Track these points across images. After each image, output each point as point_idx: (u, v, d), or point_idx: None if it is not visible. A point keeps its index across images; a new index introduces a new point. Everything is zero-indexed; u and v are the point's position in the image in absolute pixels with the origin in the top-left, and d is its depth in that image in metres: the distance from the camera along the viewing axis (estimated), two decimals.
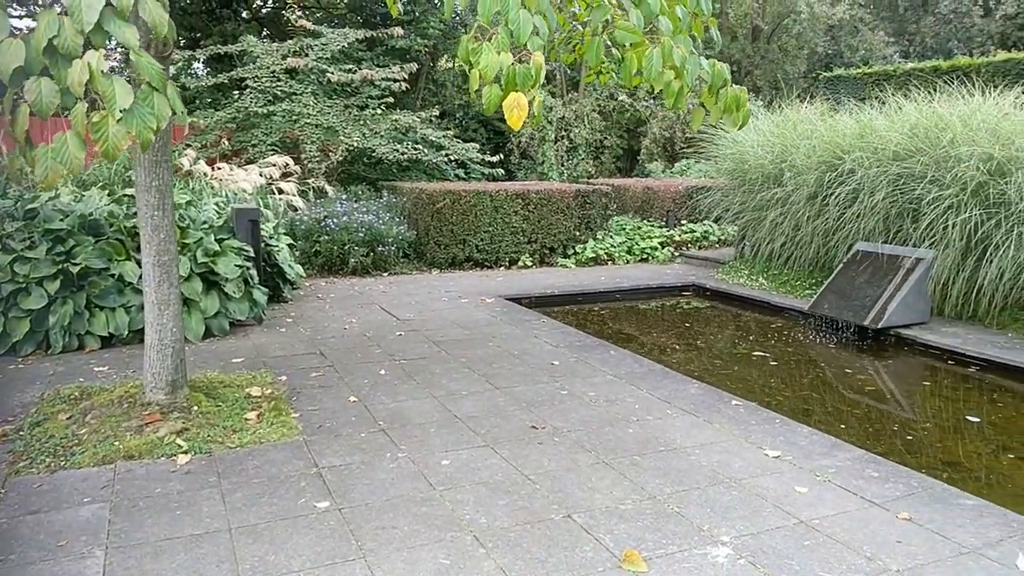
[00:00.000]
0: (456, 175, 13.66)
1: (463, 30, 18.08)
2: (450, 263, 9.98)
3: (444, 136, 12.49)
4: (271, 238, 7.81)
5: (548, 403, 4.76)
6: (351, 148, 11.54)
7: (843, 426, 4.74)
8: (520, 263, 10.21)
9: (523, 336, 6.47)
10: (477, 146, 12.82)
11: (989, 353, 6.00)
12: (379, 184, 12.00)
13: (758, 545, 3.05)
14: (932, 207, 6.74)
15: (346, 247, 9.28)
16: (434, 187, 10.04)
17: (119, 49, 12.75)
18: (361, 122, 11.86)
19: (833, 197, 7.72)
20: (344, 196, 11.02)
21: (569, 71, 17.34)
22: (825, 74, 11.72)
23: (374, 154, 11.88)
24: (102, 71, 2.61)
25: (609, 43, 2.90)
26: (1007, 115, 6.76)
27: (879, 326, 6.66)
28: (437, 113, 13.14)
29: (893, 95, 8.20)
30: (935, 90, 7.97)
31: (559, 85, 16.89)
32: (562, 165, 15.53)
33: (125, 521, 3.20)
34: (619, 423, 4.42)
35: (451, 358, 5.76)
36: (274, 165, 10.59)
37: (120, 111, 2.64)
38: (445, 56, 18.36)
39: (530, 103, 2.61)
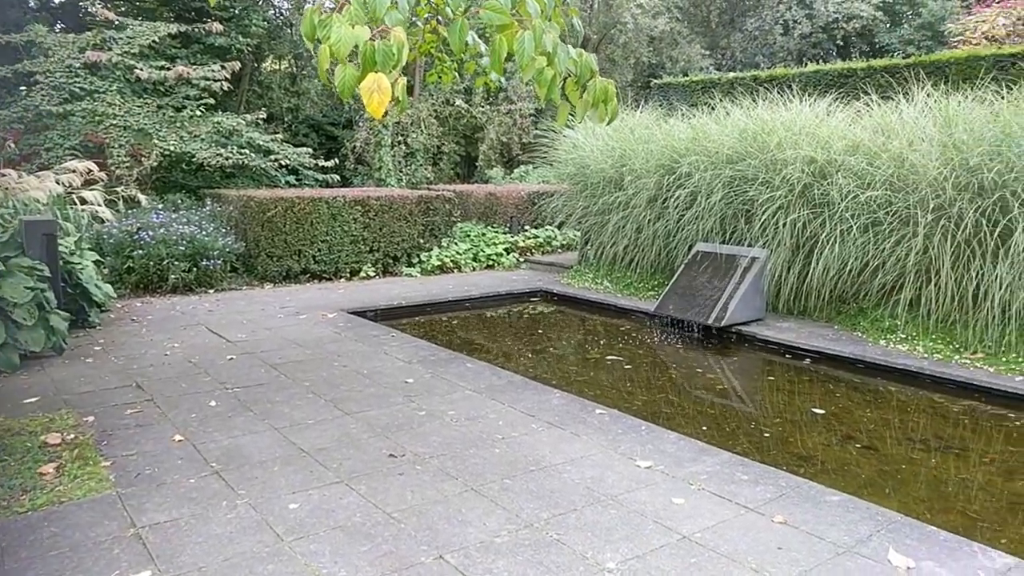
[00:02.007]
0: (287, 182, 12.83)
1: (289, 31, 17.19)
2: (285, 276, 9.27)
3: (273, 140, 11.67)
4: (72, 254, 6.79)
5: (405, 427, 4.37)
6: (167, 153, 10.45)
7: (704, 428, 4.74)
8: (362, 274, 9.69)
9: (372, 353, 6.02)
10: (309, 151, 12.11)
11: (819, 345, 6.32)
12: (201, 192, 10.98)
13: (645, 568, 2.86)
14: (764, 208, 7.05)
15: (165, 262, 8.33)
16: (264, 194, 9.29)
17: None
18: (178, 124, 10.80)
19: (672, 200, 7.92)
20: (160, 206, 9.96)
21: (403, 74, 16.94)
22: (656, 81, 12.15)
23: (194, 159, 10.84)
24: None
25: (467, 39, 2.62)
26: (824, 121, 7.21)
27: (722, 324, 6.85)
28: (264, 116, 12.26)
29: (720, 101, 8.57)
30: (757, 97, 8.41)
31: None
32: (400, 171, 15.09)
33: None
34: (484, 443, 4.12)
35: (292, 382, 5.21)
36: (74, 172, 9.33)
37: None
38: (270, 57, 17.35)
39: (392, 86, 2.25)
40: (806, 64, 10.99)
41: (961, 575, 2.82)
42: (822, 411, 5.03)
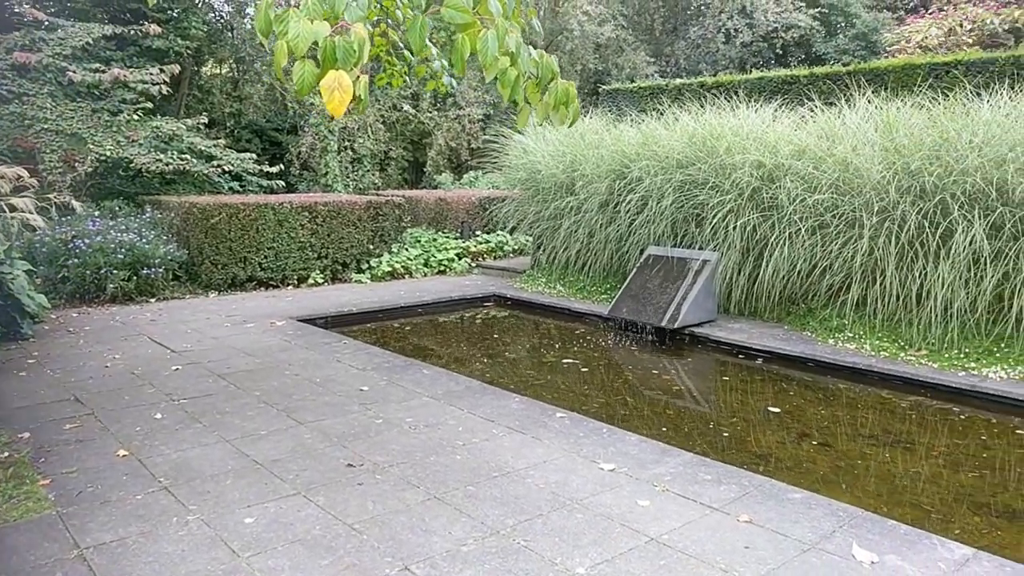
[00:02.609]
0: (231, 188, 12.50)
1: (230, 34, 16.80)
2: (230, 284, 9.00)
3: (215, 146, 11.34)
4: (2, 264, 6.45)
5: (363, 435, 4.26)
6: (103, 158, 10.05)
7: (664, 429, 4.75)
8: (310, 280, 9.48)
9: (324, 361, 5.87)
10: (253, 157, 11.81)
11: (771, 345, 6.42)
12: (140, 199, 10.60)
13: (615, 573, 2.82)
14: (714, 212, 7.14)
15: (103, 271, 8.00)
16: (208, 201, 9.01)
17: None
18: (114, 129, 10.39)
19: (624, 204, 7.96)
20: (97, 213, 9.57)
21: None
22: (605, 87, 12.25)
23: (132, 165, 10.45)
24: None
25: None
26: (770, 126, 7.35)
27: (675, 326, 6.91)
28: (206, 121, 11.92)
29: (669, 107, 8.67)
30: (704, 103, 8.54)
31: None
32: (347, 177, 14.87)
33: None
34: (445, 450, 4.04)
35: (242, 392, 5.04)
36: (2, 178, 8.88)
37: None
38: (211, 61, 16.90)
39: (354, 84, 2.16)
40: (750, 71, 11.23)
41: (923, 568, 2.86)
42: (777, 410, 5.10)
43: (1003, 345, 5.60)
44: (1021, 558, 3.07)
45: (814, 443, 4.53)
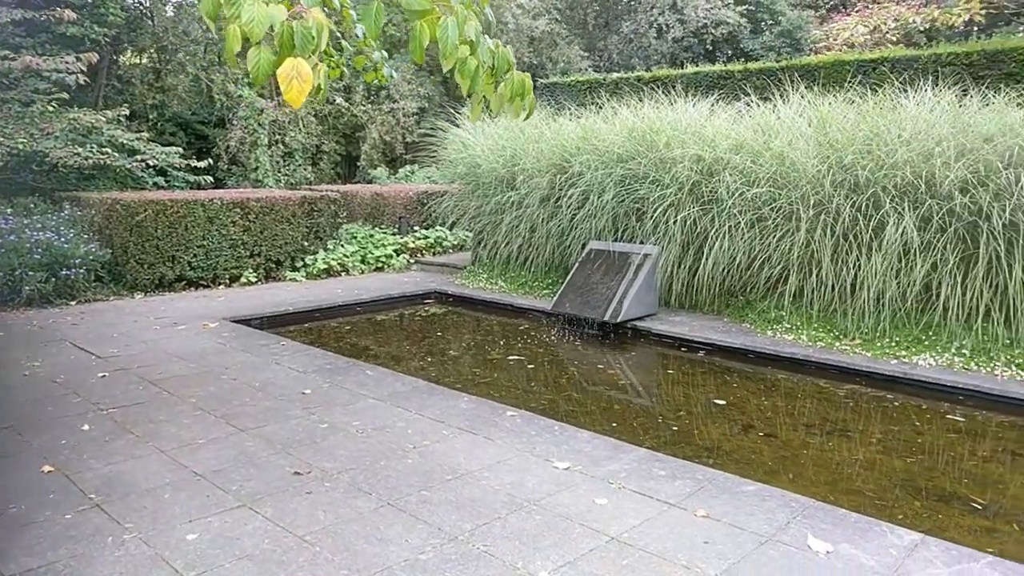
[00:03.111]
0: (155, 183, 11.96)
1: (150, 22, 16.08)
2: (158, 284, 8.61)
3: (138, 139, 10.83)
4: None
5: (308, 441, 4.11)
6: (14, 152, 9.46)
7: (614, 424, 4.75)
8: (243, 279, 9.15)
9: (262, 364, 5.65)
10: (179, 151, 11.33)
11: (712, 337, 6.52)
12: (57, 195, 10.03)
13: (578, 575, 2.78)
14: (655, 206, 7.20)
15: (17, 272, 7.52)
16: (132, 197, 8.58)
17: None
18: (27, 120, 9.80)
19: (565, 199, 7.96)
20: (9, 211, 9.00)
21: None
22: (543, 81, 12.23)
23: (47, 159, 9.88)
24: None
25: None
26: (708, 121, 7.45)
27: (618, 320, 6.94)
28: (127, 113, 11.36)
29: (608, 101, 8.70)
30: (642, 97, 8.60)
31: (267, 85, 15.70)
32: (278, 172, 14.45)
33: None
34: (395, 454, 3.93)
35: (177, 399, 4.80)
36: None
37: None
38: (130, 49, 16.14)
39: (313, 72, 2.04)
40: (685, 66, 11.39)
41: (875, 555, 2.92)
42: (722, 402, 5.17)
43: (931, 333, 5.82)
44: (962, 540, 3.17)
45: (760, 434, 4.60)
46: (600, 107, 8.58)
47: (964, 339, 5.60)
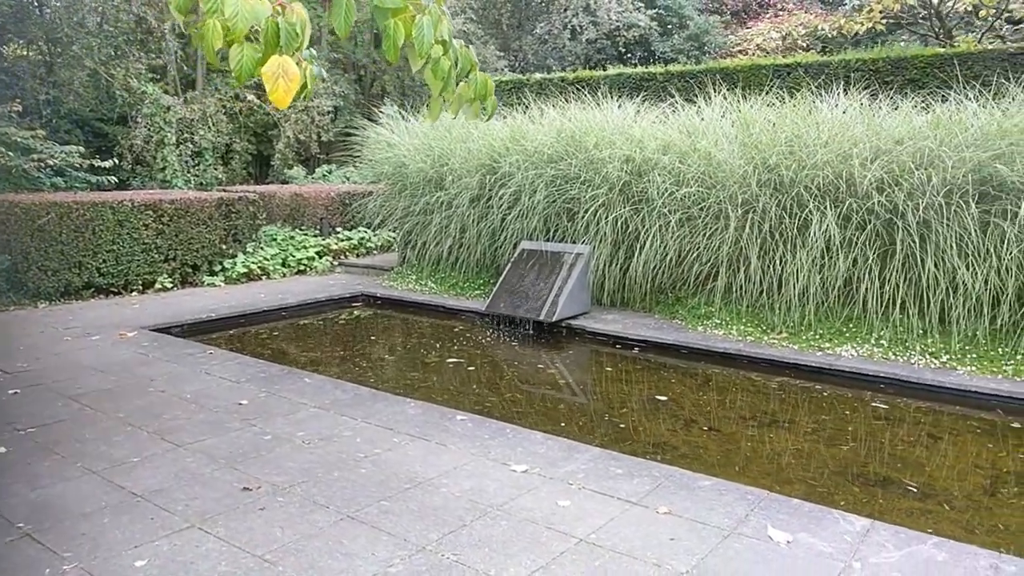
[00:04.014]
0: (53, 184, 11.21)
1: (39, 13, 15.07)
2: (64, 292, 8.07)
3: (34, 136, 10.12)
4: None
5: (253, 454, 3.93)
6: None
7: (563, 424, 4.77)
8: (157, 285, 8.70)
9: (191, 374, 5.38)
10: (80, 150, 10.66)
11: (646, 334, 6.65)
12: None
13: None
14: (587, 206, 7.28)
15: None
16: (32, 199, 8.01)
17: None
18: None
19: (496, 199, 7.94)
20: None
21: (185, 66, 15.53)
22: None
23: None
24: None
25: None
26: (635, 122, 7.59)
27: (554, 319, 6.98)
28: (20, 109, 10.60)
29: (534, 101, 8.73)
30: (567, 98, 8.68)
31: (172, 81, 14.98)
32: (188, 172, 13.81)
33: None
34: (347, 464, 3.81)
35: (103, 415, 4.50)
36: None
37: None
38: (13, 42, 15.06)
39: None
40: (606, 67, 11.56)
41: (832, 542, 3.04)
42: (664, 398, 5.28)
43: (852, 326, 6.12)
44: (903, 522, 3.35)
45: (703, 428, 4.72)
46: (526, 107, 8.60)
47: (882, 330, 5.92)
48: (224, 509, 3.31)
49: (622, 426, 4.76)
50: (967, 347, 5.62)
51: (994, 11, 10.18)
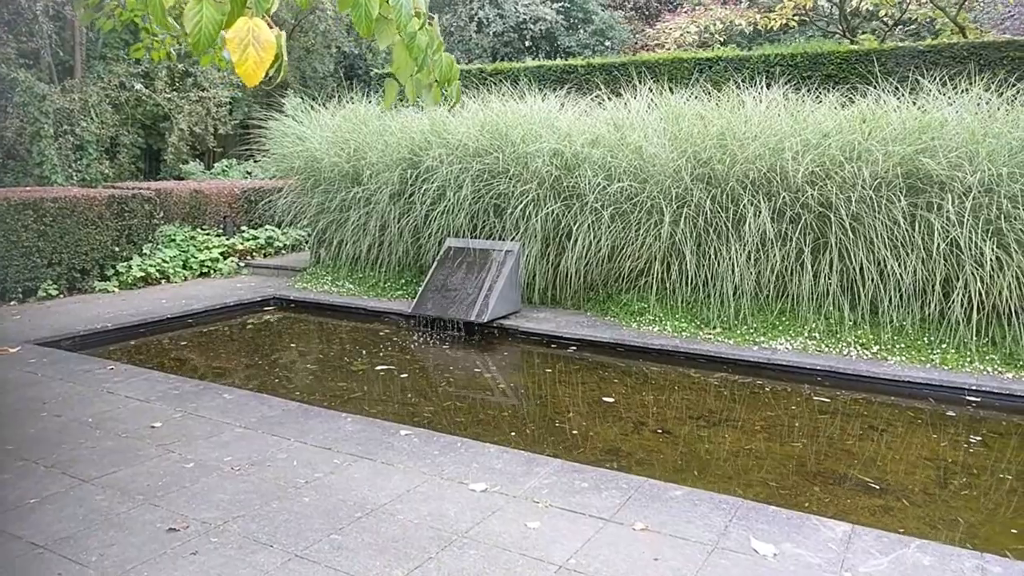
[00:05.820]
0: None
1: None
2: None
3: None
4: None
5: (175, 486, 3.48)
6: None
7: (512, 433, 4.51)
8: (41, 293, 7.84)
9: (91, 394, 4.79)
10: None
11: (580, 333, 6.49)
12: None
13: None
14: (516, 202, 7.04)
15: None
16: None
17: None
18: None
19: (419, 195, 7.58)
20: None
21: (61, 52, 14.25)
22: (377, 71, 11.65)
23: None
24: None
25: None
26: (561, 115, 7.41)
27: (485, 320, 6.72)
28: None
29: None
30: (485, 90, 8.41)
31: (47, 68, 13.71)
32: (69, 167, 12.67)
33: None
34: (287, 493, 3.42)
35: None
36: None
37: None
38: None
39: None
40: (524, 60, 11.35)
41: (818, 552, 2.93)
42: (610, 399, 5.11)
43: (785, 319, 6.16)
44: (868, 521, 3.29)
45: (655, 431, 4.57)
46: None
47: (815, 323, 5.98)
48: (148, 556, 2.87)
49: (574, 432, 4.55)
50: (896, 338, 5.75)
51: (894, 10, 10.63)
